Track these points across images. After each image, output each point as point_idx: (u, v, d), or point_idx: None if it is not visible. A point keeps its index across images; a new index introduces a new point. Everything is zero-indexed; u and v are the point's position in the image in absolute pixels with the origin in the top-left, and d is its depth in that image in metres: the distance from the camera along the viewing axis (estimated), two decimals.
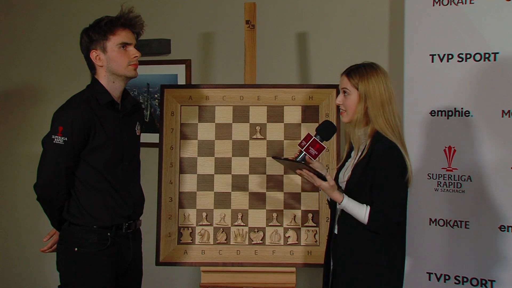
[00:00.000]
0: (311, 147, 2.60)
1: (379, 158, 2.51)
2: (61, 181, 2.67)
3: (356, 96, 2.58)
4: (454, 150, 3.13)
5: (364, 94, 2.56)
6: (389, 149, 2.52)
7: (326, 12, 3.74)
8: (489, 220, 3.04)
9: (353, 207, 2.53)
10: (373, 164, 2.52)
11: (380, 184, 2.51)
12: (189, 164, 3.27)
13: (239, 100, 3.29)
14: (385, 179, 2.50)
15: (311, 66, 3.80)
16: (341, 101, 2.63)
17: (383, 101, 2.56)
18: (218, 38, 4.03)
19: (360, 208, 2.52)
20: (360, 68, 2.61)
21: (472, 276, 3.09)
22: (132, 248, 2.84)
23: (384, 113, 2.56)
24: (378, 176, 2.51)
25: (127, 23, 2.72)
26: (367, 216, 2.51)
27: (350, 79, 2.59)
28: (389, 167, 2.51)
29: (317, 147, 2.60)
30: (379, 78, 2.58)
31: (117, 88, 2.76)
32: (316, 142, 2.60)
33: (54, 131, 2.63)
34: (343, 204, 2.55)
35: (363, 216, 2.51)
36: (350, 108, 2.60)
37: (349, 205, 2.54)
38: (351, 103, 2.59)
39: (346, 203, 2.54)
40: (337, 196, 2.56)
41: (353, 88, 2.58)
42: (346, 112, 2.62)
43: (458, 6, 3.10)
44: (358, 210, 2.53)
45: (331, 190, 2.56)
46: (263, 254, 3.20)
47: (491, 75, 3.02)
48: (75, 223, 2.71)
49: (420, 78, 3.20)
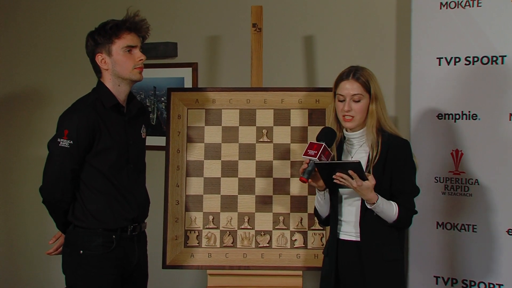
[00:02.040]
0: (323, 155, 2.56)
1: (398, 153, 2.56)
2: (67, 184, 2.68)
3: (368, 99, 2.57)
4: (462, 153, 3.12)
5: (375, 94, 2.57)
6: (406, 144, 2.61)
7: (332, 15, 3.74)
8: (496, 223, 3.03)
9: (385, 206, 2.53)
10: (393, 159, 2.55)
11: (403, 178, 2.56)
12: (195, 167, 3.27)
13: (245, 103, 3.29)
14: (408, 172, 2.58)
15: (317, 69, 3.80)
16: (350, 108, 2.58)
17: (383, 99, 2.62)
18: (224, 41, 4.03)
19: (391, 205, 2.54)
20: (362, 70, 2.61)
21: (480, 280, 3.07)
22: (137, 251, 2.84)
23: (385, 110, 2.63)
24: (400, 170, 2.55)
25: (132, 26, 2.73)
26: (396, 213, 2.52)
27: (361, 83, 2.56)
28: (410, 161, 2.59)
29: (327, 154, 2.58)
30: (375, 76, 2.63)
31: (122, 91, 2.77)
32: (326, 149, 2.57)
33: (60, 134, 2.64)
34: (378, 203, 2.51)
35: (393, 213, 2.52)
36: (361, 112, 2.58)
37: (384, 204, 2.52)
38: (363, 107, 2.57)
39: (381, 202, 2.51)
40: (373, 195, 2.51)
41: (365, 92, 2.57)
42: (355, 117, 2.59)
43: (465, 9, 3.09)
44: (389, 208, 2.53)
45: (371, 189, 2.50)
46: (270, 258, 3.20)
47: (498, 78, 3.01)
48: (80, 226, 2.72)
49: (427, 81, 3.19)
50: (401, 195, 2.56)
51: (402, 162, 2.57)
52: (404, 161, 2.58)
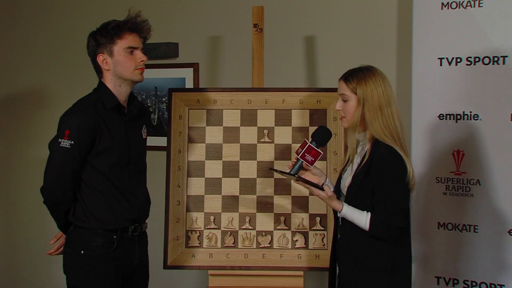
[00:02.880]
0: (307, 154, 2.59)
1: (379, 164, 2.48)
2: (68, 184, 2.68)
3: (355, 101, 2.54)
4: (463, 154, 3.12)
5: (362, 99, 2.52)
6: (389, 155, 2.49)
7: (334, 16, 3.74)
8: (498, 224, 3.02)
9: (353, 215, 2.51)
10: (374, 170, 2.49)
11: (380, 190, 2.48)
12: (197, 168, 3.27)
13: (246, 104, 3.29)
14: (385, 185, 2.47)
15: (319, 70, 3.80)
16: (340, 107, 2.59)
17: (381, 105, 2.52)
18: (226, 42, 4.04)
19: (361, 215, 2.49)
20: (357, 72, 2.57)
21: (481, 280, 3.07)
22: (138, 251, 2.84)
23: (382, 116, 2.52)
24: (378, 182, 2.47)
25: (134, 27, 2.73)
26: (368, 223, 2.48)
27: (348, 84, 2.55)
28: (390, 172, 2.48)
29: (313, 153, 2.59)
30: (377, 81, 2.54)
31: (123, 92, 2.77)
32: (311, 148, 2.59)
33: (61, 134, 2.64)
34: (343, 213, 2.52)
35: (364, 223, 2.48)
36: (349, 113, 2.57)
37: (348, 213, 2.52)
38: (350, 108, 2.56)
39: (346, 212, 2.52)
40: (336, 205, 2.54)
41: (351, 93, 2.54)
42: (346, 117, 2.59)
43: (466, 9, 3.09)
44: (358, 218, 2.50)
45: (330, 199, 2.53)
46: (271, 258, 3.19)
47: (500, 78, 3.01)
48: (81, 226, 2.72)
49: (429, 81, 3.18)
50: (378, 208, 2.48)
51: (380, 176, 2.48)
52: (381, 175, 2.48)
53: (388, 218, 2.46)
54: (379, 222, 2.47)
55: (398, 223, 2.47)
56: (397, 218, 2.47)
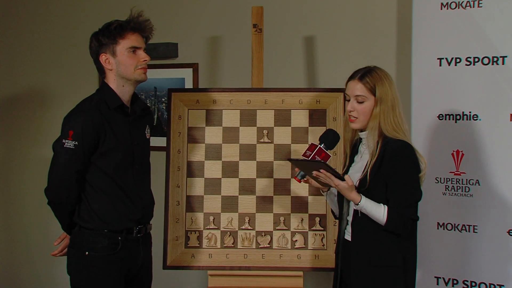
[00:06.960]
0: (317, 157, 2.56)
1: (393, 157, 2.47)
2: (72, 185, 2.68)
3: (372, 102, 2.52)
4: (462, 154, 3.12)
5: (380, 98, 2.50)
6: (402, 147, 2.49)
7: (333, 16, 3.74)
8: (497, 224, 3.03)
9: (371, 207, 2.47)
10: (387, 163, 2.47)
11: (396, 182, 2.47)
12: (196, 168, 3.27)
13: (246, 104, 3.29)
14: (401, 177, 2.47)
15: (318, 70, 3.80)
16: (353, 108, 2.55)
17: (393, 105, 2.52)
18: (225, 42, 4.04)
19: (378, 207, 2.47)
20: (371, 72, 2.54)
21: (481, 280, 3.07)
22: (142, 253, 2.84)
23: (394, 116, 2.52)
24: (393, 175, 2.47)
25: (136, 27, 2.73)
26: (385, 216, 2.46)
27: (366, 84, 2.51)
28: (404, 164, 2.48)
29: (323, 156, 2.57)
30: (390, 81, 2.55)
31: (126, 92, 2.77)
32: (322, 151, 2.57)
33: (65, 135, 2.64)
34: (361, 204, 2.48)
35: (381, 216, 2.46)
36: (364, 114, 2.53)
37: (367, 205, 2.47)
38: (366, 109, 2.53)
39: (364, 203, 2.47)
40: (355, 196, 2.48)
41: (369, 94, 2.51)
42: (358, 118, 2.55)
43: (466, 9, 3.09)
44: (376, 210, 2.47)
45: (349, 190, 2.48)
46: (270, 258, 3.20)
47: (499, 79, 3.01)
48: (86, 227, 2.72)
49: (428, 82, 3.19)
50: (393, 201, 2.48)
51: (394, 168, 2.47)
52: (396, 167, 2.48)
53: (404, 210, 2.47)
54: (396, 214, 2.46)
55: (412, 215, 2.49)
56: (411, 210, 2.49)
